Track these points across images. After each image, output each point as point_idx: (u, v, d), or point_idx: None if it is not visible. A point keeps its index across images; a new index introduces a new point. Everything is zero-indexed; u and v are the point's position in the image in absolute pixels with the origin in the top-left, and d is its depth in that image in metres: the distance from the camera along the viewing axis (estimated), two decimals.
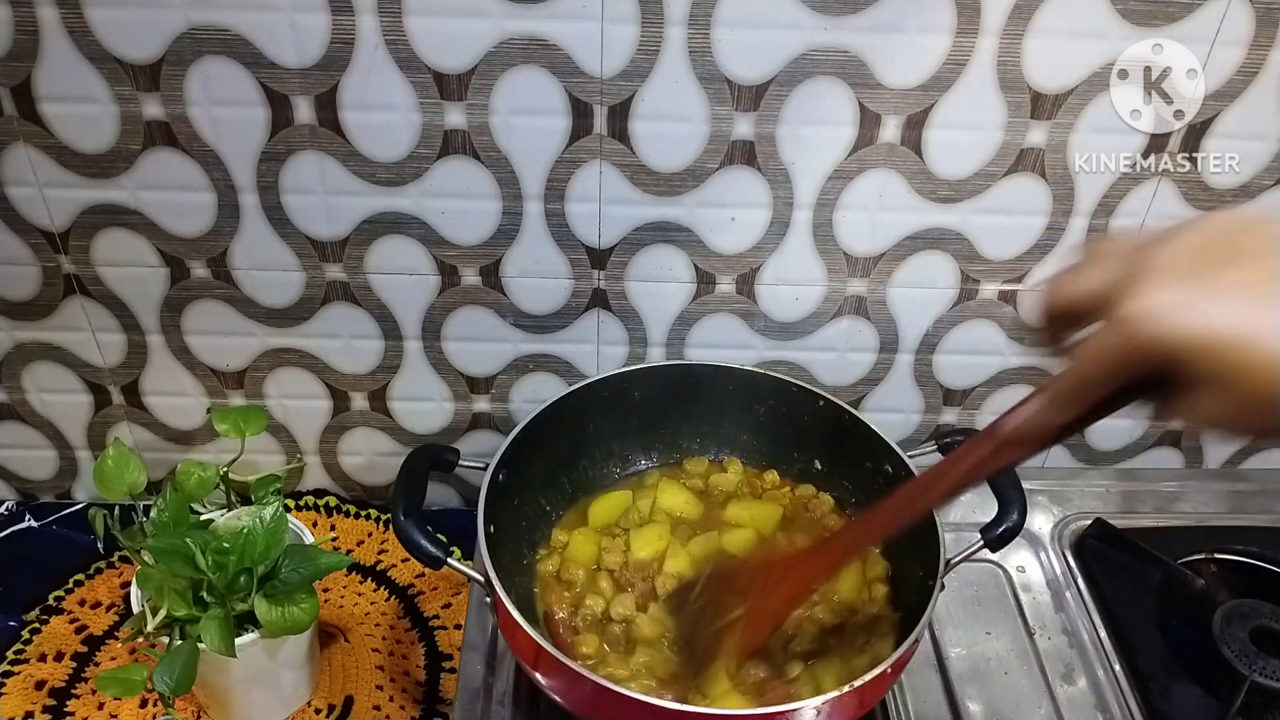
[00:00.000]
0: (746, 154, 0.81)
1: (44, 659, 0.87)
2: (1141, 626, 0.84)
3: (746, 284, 0.89)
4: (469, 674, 0.80)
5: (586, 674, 0.63)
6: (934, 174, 0.83)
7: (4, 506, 1.01)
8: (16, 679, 0.85)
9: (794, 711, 0.62)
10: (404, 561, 0.97)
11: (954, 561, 0.72)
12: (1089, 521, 0.93)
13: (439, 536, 0.71)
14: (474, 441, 0.99)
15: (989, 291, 0.91)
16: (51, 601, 0.92)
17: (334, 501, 1.02)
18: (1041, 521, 0.96)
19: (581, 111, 0.78)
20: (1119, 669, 0.82)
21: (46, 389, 0.94)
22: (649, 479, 0.89)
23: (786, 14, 0.74)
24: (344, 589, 0.95)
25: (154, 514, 0.80)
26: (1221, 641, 0.79)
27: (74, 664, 0.87)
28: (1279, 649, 0.78)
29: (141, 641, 0.78)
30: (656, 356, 0.94)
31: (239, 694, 0.80)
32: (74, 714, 0.83)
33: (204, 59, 0.75)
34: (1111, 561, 0.89)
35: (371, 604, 0.94)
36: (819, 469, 0.88)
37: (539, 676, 0.68)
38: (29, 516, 1.00)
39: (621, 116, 0.79)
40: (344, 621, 0.91)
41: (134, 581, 0.77)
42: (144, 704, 0.84)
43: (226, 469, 0.88)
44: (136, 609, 0.76)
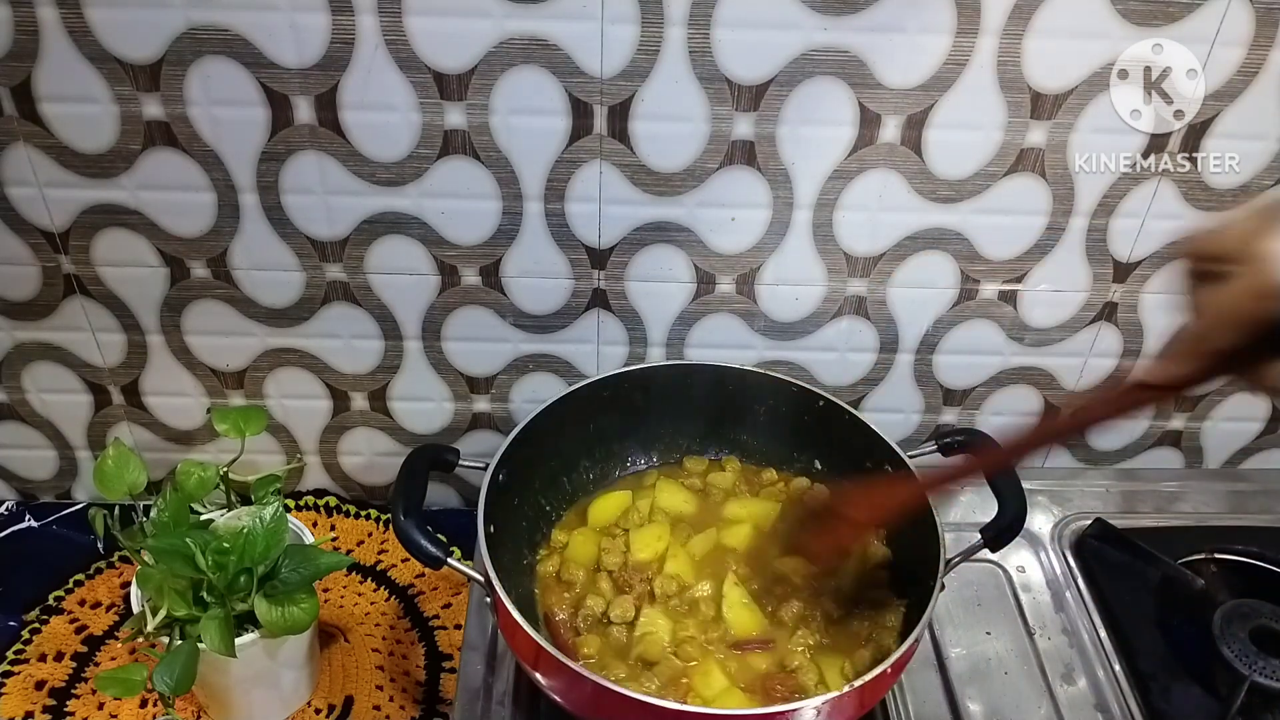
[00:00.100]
0: (746, 154, 0.81)
1: (44, 659, 0.87)
2: (1141, 626, 0.84)
3: (746, 284, 0.89)
4: (469, 674, 0.80)
5: (586, 674, 0.63)
6: (934, 174, 0.83)
7: (4, 506, 1.01)
8: (16, 679, 0.85)
9: (794, 711, 0.62)
10: (404, 561, 0.97)
11: (954, 561, 0.72)
12: (1089, 521, 0.93)
13: (439, 536, 0.71)
14: (474, 441, 0.99)
15: (989, 291, 0.91)
16: (51, 601, 0.92)
17: (334, 501, 1.02)
18: (1041, 521, 0.95)
19: (581, 111, 0.78)
20: (1119, 669, 0.82)
21: (46, 389, 0.94)
22: (648, 479, 0.89)
23: (786, 14, 0.74)
24: (344, 589, 0.95)
25: (154, 514, 0.80)
26: (1221, 641, 0.79)
27: (74, 664, 0.87)
28: (1279, 649, 0.79)
29: (141, 641, 0.78)
30: (656, 356, 0.94)
31: (239, 694, 0.80)
32: (74, 714, 0.83)
33: (204, 59, 0.75)
34: (1111, 561, 0.89)
35: (371, 604, 0.94)
36: (819, 469, 0.88)
37: (539, 677, 0.68)
38: (29, 516, 1.00)
39: (621, 116, 0.79)
40: (344, 621, 0.91)
41: (134, 581, 0.77)
42: (144, 704, 0.84)
43: (226, 469, 0.88)
44: (136, 609, 0.76)
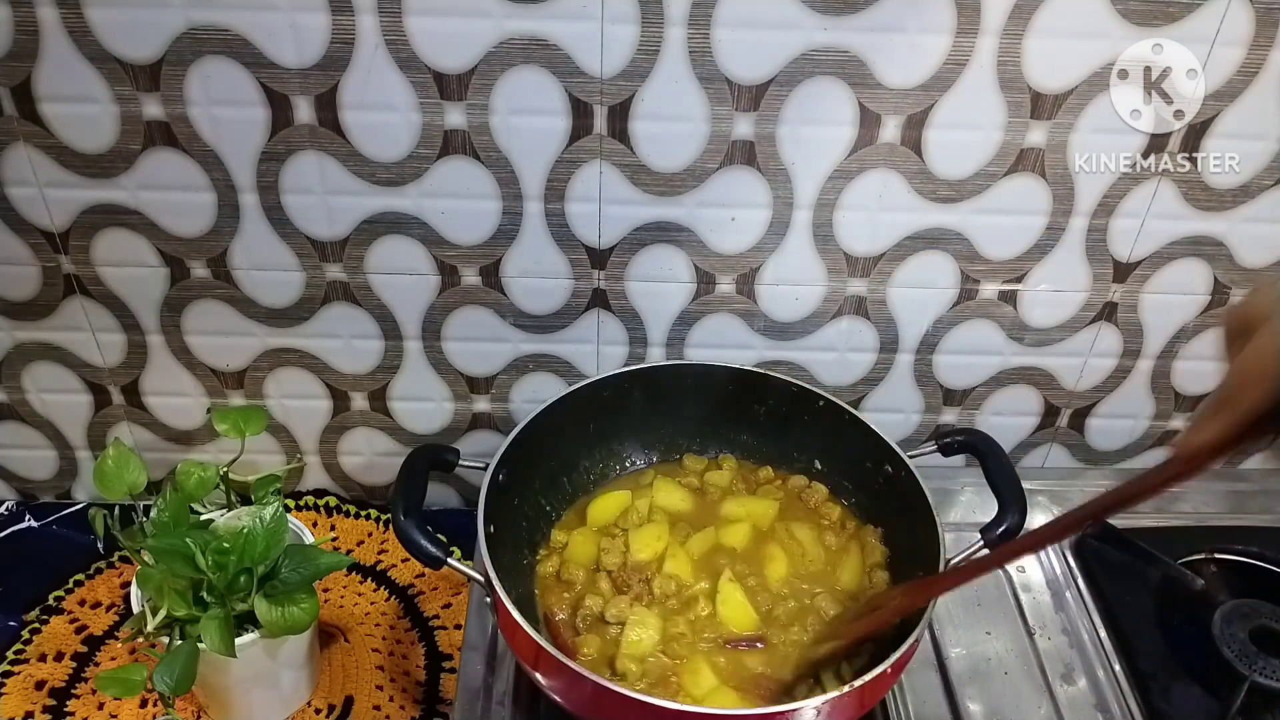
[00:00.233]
0: (746, 154, 0.81)
1: (44, 659, 0.87)
2: (1141, 626, 0.84)
3: (746, 284, 0.89)
4: (469, 674, 0.80)
5: (586, 674, 0.63)
6: (934, 174, 0.83)
7: (4, 506, 1.01)
8: (16, 679, 0.85)
9: (794, 711, 0.62)
10: (404, 561, 0.97)
11: (954, 561, 0.72)
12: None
13: (439, 536, 0.71)
14: (474, 441, 0.99)
15: (989, 291, 0.91)
16: (51, 601, 0.92)
17: (334, 501, 1.02)
18: (1041, 521, 0.94)
19: (581, 111, 0.78)
20: (1119, 669, 0.82)
21: (46, 389, 0.94)
22: (647, 478, 0.89)
23: (786, 14, 0.74)
24: (344, 589, 0.95)
25: (154, 514, 0.80)
26: (1221, 641, 0.79)
27: (74, 664, 0.87)
28: (1279, 649, 0.79)
29: (141, 641, 0.78)
30: (656, 356, 0.94)
31: (239, 694, 0.80)
32: (74, 714, 0.83)
33: (204, 59, 0.75)
34: (1111, 561, 0.89)
35: (371, 604, 0.94)
36: (819, 469, 0.88)
37: (539, 677, 0.68)
38: (29, 516, 1.00)
39: (621, 116, 0.79)
40: (344, 621, 0.91)
41: (134, 581, 0.77)
42: (144, 704, 0.84)
43: (226, 469, 0.88)
44: (136, 609, 0.76)
